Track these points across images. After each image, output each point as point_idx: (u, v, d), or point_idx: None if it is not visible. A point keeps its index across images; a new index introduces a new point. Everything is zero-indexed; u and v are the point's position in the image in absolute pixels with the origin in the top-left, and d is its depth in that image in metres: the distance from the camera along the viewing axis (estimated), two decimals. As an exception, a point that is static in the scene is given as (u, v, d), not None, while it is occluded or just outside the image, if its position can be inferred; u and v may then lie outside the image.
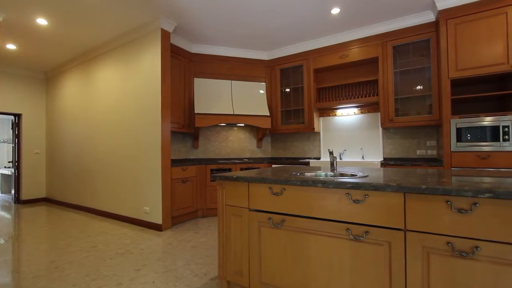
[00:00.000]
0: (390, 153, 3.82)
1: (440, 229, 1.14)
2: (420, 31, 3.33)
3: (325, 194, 1.39)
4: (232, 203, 1.75)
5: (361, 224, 1.31)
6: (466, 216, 1.09)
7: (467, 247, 1.09)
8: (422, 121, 3.31)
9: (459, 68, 2.88)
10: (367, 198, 1.28)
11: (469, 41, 2.84)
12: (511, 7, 2.66)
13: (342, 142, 4.21)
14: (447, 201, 1.12)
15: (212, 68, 4.36)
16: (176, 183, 3.60)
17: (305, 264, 1.47)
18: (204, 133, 4.59)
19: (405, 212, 1.21)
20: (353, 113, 4.11)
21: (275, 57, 4.49)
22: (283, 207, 1.53)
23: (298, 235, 1.50)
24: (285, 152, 4.75)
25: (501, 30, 2.70)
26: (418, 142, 3.62)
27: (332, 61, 3.94)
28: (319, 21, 3.50)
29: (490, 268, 1.06)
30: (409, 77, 3.59)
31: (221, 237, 1.80)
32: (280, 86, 4.49)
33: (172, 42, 3.84)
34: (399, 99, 3.60)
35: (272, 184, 1.56)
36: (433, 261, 1.16)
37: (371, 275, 1.29)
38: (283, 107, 4.54)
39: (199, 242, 2.92)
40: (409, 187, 1.17)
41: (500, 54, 2.70)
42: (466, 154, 2.81)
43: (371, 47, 3.64)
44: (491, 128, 2.72)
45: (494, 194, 1.02)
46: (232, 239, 1.76)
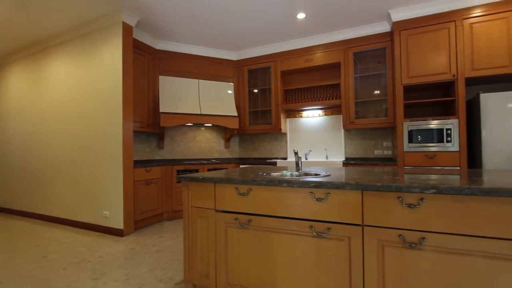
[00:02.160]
0: (351, 153, 4.05)
1: (393, 223, 1.24)
2: (377, 40, 3.59)
3: (290, 194, 1.43)
4: (198, 205, 1.72)
5: (324, 221, 1.37)
6: (415, 210, 1.20)
7: (416, 238, 1.20)
8: (379, 124, 3.56)
9: (410, 76, 3.16)
10: (329, 196, 1.34)
11: (418, 51, 3.13)
12: (452, 23, 2.99)
13: (308, 143, 4.37)
14: (398, 197, 1.22)
15: (179, 66, 4.24)
16: (140, 185, 3.43)
17: (271, 262, 1.50)
18: (170, 133, 4.44)
19: (362, 209, 1.29)
20: (318, 115, 4.29)
21: (244, 58, 4.51)
22: (249, 207, 1.55)
23: (264, 235, 1.52)
24: (253, 153, 4.79)
25: (444, 43, 3.02)
26: (376, 142, 3.89)
27: (298, 64, 4.07)
28: (286, 25, 3.59)
29: (435, 256, 1.18)
30: (368, 82, 3.85)
31: (186, 240, 1.76)
32: (248, 86, 4.51)
33: (135, 37, 3.65)
34: (359, 102, 3.84)
35: (239, 184, 1.57)
36: (387, 253, 1.26)
37: (333, 269, 1.35)
38: (251, 108, 4.57)
39: (164, 246, 2.82)
40: (366, 185, 1.25)
41: (443, 65, 3.02)
42: (416, 154, 3.09)
43: (334, 52, 3.83)
44: (437, 131, 3.02)
45: (438, 190, 1.14)
46: (199, 241, 1.73)
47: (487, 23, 2.86)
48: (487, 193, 1.07)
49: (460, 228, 1.13)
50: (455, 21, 2.98)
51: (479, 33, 2.89)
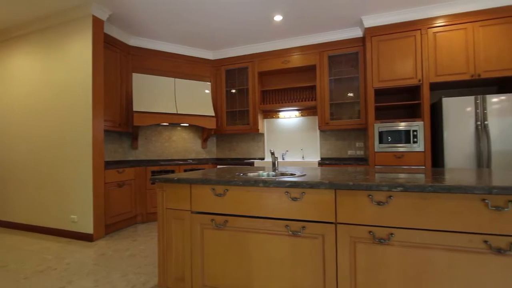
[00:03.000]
0: (326, 153, 4.17)
1: (363, 220, 1.30)
2: (350, 45, 3.73)
3: (266, 193, 1.45)
4: (173, 206, 1.68)
5: (299, 220, 1.40)
6: (384, 207, 1.27)
7: (385, 234, 1.27)
8: (352, 125, 3.71)
9: (380, 80, 3.32)
10: (304, 195, 1.38)
11: (388, 57, 3.30)
12: (418, 32, 3.19)
13: (285, 143, 4.43)
14: (369, 195, 1.28)
15: (153, 63, 4.11)
16: (111, 187, 3.27)
17: (247, 262, 1.50)
18: (145, 133, 4.29)
19: (336, 207, 1.34)
20: (295, 116, 4.37)
21: (221, 57, 4.47)
22: (226, 207, 1.54)
23: (241, 235, 1.52)
24: (230, 153, 4.77)
25: (411, 50, 3.21)
26: (349, 143, 4.04)
27: (276, 66, 4.12)
28: (264, 26, 3.62)
29: (402, 251, 1.25)
30: (342, 85, 3.99)
31: (161, 243, 1.71)
32: (225, 86, 4.49)
33: (106, 31, 3.49)
34: (334, 104, 3.97)
35: (215, 185, 1.55)
36: (359, 248, 1.31)
37: (308, 266, 1.39)
38: (229, 108, 4.55)
39: (138, 250, 2.72)
40: (339, 184, 1.30)
41: (410, 70, 3.21)
42: (386, 154, 3.26)
43: (310, 55, 3.93)
44: (405, 132, 3.21)
45: (404, 188, 1.21)
46: (174, 244, 1.69)
47: (448, 33, 3.09)
48: (447, 190, 1.16)
49: (424, 223, 1.21)
50: (420, 30, 3.18)
51: (441, 42, 3.11)
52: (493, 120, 2.84)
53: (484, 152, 2.85)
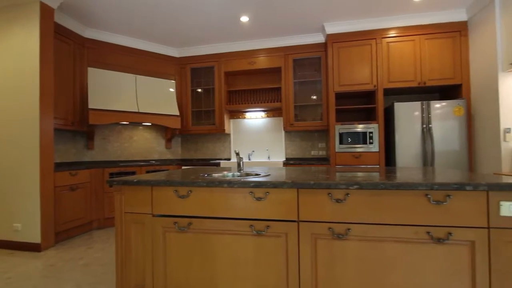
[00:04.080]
0: (291, 153, 4.29)
1: (324, 217, 1.36)
2: (314, 49, 3.89)
3: (231, 194, 1.44)
4: (132, 210, 1.59)
5: (263, 219, 1.42)
6: (342, 204, 1.34)
7: (343, 230, 1.34)
8: (315, 126, 3.87)
9: (341, 84, 3.52)
10: (268, 195, 1.40)
11: (347, 63, 3.50)
12: (374, 41, 3.44)
13: (251, 144, 4.47)
14: (328, 193, 1.35)
15: (112, 58, 3.86)
16: (62, 191, 3.00)
17: (212, 264, 1.48)
18: (102, 132, 4.01)
19: (298, 205, 1.38)
20: (261, 117, 4.42)
21: (186, 55, 4.36)
22: (190, 209, 1.51)
23: (205, 237, 1.50)
24: (196, 153, 4.67)
25: (368, 57, 3.46)
26: (313, 144, 4.21)
27: (242, 66, 4.13)
28: (230, 26, 3.61)
29: (358, 244, 1.33)
30: (306, 87, 4.14)
31: (119, 249, 1.61)
32: (191, 85, 4.38)
33: (57, 21, 3.20)
34: (298, 106, 4.10)
35: (178, 186, 1.51)
36: (319, 244, 1.37)
37: (272, 264, 1.41)
38: (194, 107, 4.45)
39: (93, 258, 2.53)
40: (301, 183, 1.35)
41: (367, 76, 3.45)
42: (346, 154, 3.45)
43: (276, 57, 4.01)
44: (362, 134, 3.43)
45: (360, 186, 1.30)
46: (133, 249, 1.60)
47: (399, 43, 3.38)
48: (396, 187, 1.26)
49: (377, 218, 1.31)
50: (376, 39, 3.43)
51: (394, 51, 3.39)
52: (436, 123, 3.17)
53: (429, 152, 3.18)
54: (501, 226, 1.21)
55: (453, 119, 3.14)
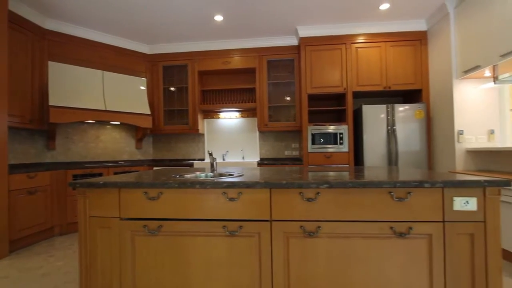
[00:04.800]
0: (265, 153, 4.33)
1: (296, 216, 1.39)
2: (287, 52, 3.97)
3: (204, 195, 1.43)
4: (98, 214, 1.51)
5: (236, 220, 1.42)
6: (313, 203, 1.38)
7: (313, 227, 1.38)
8: (289, 127, 3.95)
9: (313, 86, 3.62)
10: (241, 195, 1.40)
11: (319, 66, 3.62)
12: (344, 45, 3.59)
13: (225, 144, 4.44)
14: (300, 192, 1.38)
15: (76, 52, 3.63)
16: (19, 195, 2.76)
17: (184, 267, 1.45)
18: (65, 131, 3.75)
19: (271, 205, 1.40)
20: (235, 117, 4.41)
21: (158, 53, 4.22)
22: (160, 212, 1.46)
23: (177, 239, 1.46)
24: (168, 154, 4.54)
25: (338, 61, 3.60)
26: (286, 144, 4.29)
27: (216, 66, 4.10)
28: (204, 24, 3.56)
29: (328, 241, 1.38)
30: (280, 89, 4.21)
31: (83, 256, 1.52)
32: (163, 84, 4.25)
33: (12, 9, 2.93)
34: (272, 107, 4.15)
35: (148, 188, 1.46)
36: (291, 243, 1.40)
37: (245, 264, 1.42)
38: (167, 107, 4.32)
39: (54, 267, 2.35)
40: (273, 183, 1.37)
41: (337, 79, 3.59)
42: (318, 154, 3.56)
43: (250, 58, 4.03)
44: (333, 134, 3.56)
45: (330, 185, 1.35)
46: (99, 256, 1.52)
47: (367, 49, 3.56)
48: (363, 186, 1.33)
49: (346, 215, 1.37)
50: (345, 44, 3.59)
51: (362, 56, 3.57)
52: (399, 125, 3.39)
53: (393, 152, 3.38)
54: (454, 219, 1.32)
55: (415, 121, 3.38)
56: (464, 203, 1.32)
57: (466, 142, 3.02)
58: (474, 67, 2.79)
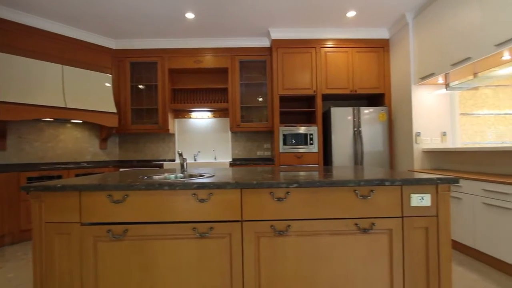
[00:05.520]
0: (237, 154, 4.33)
1: (266, 215, 1.41)
2: (260, 53, 4.00)
3: (173, 197, 1.39)
4: (55, 219, 1.40)
5: (207, 221, 1.40)
6: (283, 202, 1.41)
7: (283, 226, 1.41)
8: (261, 127, 3.98)
9: (284, 88, 3.69)
10: (212, 196, 1.39)
11: (291, 68, 3.70)
12: (313, 49, 3.71)
13: (197, 144, 4.36)
14: (270, 192, 1.40)
15: (32, 44, 3.33)
16: (-41, 202, 2.46)
17: (152, 272, 1.40)
18: (18, 130, 3.42)
19: (241, 205, 1.40)
20: (207, 117, 4.35)
21: (125, 48, 4.03)
22: (126, 215, 1.39)
23: (144, 244, 1.40)
24: (136, 154, 4.34)
25: (309, 64, 3.71)
26: (258, 144, 4.32)
27: (188, 64, 4.01)
28: (175, 21, 3.47)
29: (297, 239, 1.42)
30: (252, 89, 4.23)
31: (37, 265, 1.40)
32: (130, 81, 4.06)
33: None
34: (245, 107, 4.16)
35: (113, 190, 1.38)
36: (262, 242, 1.42)
37: (216, 266, 1.40)
38: (134, 105, 4.14)
39: (5, 279, 2.13)
40: (244, 183, 1.37)
41: (308, 82, 3.70)
42: (289, 155, 3.64)
43: (222, 58, 4.00)
44: (304, 135, 3.66)
45: (299, 184, 1.38)
46: (57, 265, 1.40)
47: (335, 54, 3.72)
48: (330, 185, 1.38)
49: (314, 213, 1.42)
50: (315, 48, 3.71)
51: (330, 60, 3.71)
52: (365, 127, 3.58)
53: (359, 152, 3.57)
54: (411, 215, 1.43)
55: (378, 123, 3.59)
56: (420, 199, 1.43)
57: (422, 143, 3.28)
58: (429, 74, 3.04)
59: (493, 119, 3.66)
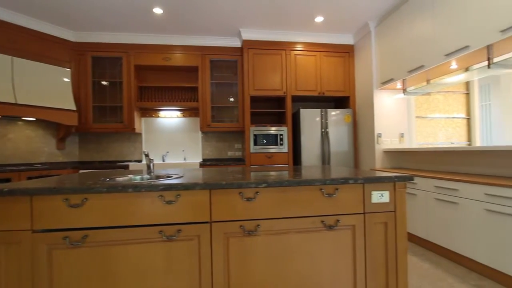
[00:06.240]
0: (208, 154, 4.27)
1: (236, 216, 1.41)
2: (231, 52, 3.99)
3: (137, 199, 1.33)
4: (2, 227, 1.26)
5: (174, 223, 1.36)
6: (252, 202, 1.42)
7: (253, 226, 1.42)
8: (232, 128, 3.97)
9: (255, 88, 3.72)
10: (179, 197, 1.35)
11: (261, 69, 3.74)
12: (284, 52, 3.79)
13: (166, 144, 4.22)
14: (240, 192, 1.41)
15: (-26, 32, 2.97)
16: None
17: (115, 280, 1.33)
18: (-45, 128, 3.03)
19: (211, 206, 1.39)
20: (176, 116, 4.23)
21: (86, 41, 3.77)
22: (85, 220, 1.30)
23: (106, 250, 1.32)
24: (99, 155, 4.08)
25: (279, 66, 3.78)
26: (229, 145, 4.30)
27: (156, 61, 3.86)
28: (142, 16, 3.32)
29: (266, 238, 1.44)
30: (223, 89, 4.20)
31: (-20, 280, 1.25)
32: (92, 77, 3.81)
33: None
34: (215, 107, 4.12)
35: (69, 194, 1.29)
36: (231, 243, 1.41)
37: (184, 269, 1.37)
38: (97, 102, 3.89)
39: None
40: (213, 184, 1.36)
41: (278, 83, 3.77)
42: (260, 155, 3.67)
43: (192, 56, 3.92)
44: (274, 136, 3.72)
45: (268, 184, 1.40)
46: (3, 278, 1.27)
47: (304, 57, 3.83)
48: (298, 184, 1.42)
49: (283, 212, 1.45)
50: (285, 50, 3.79)
51: (300, 63, 3.82)
52: (332, 128, 3.74)
53: (326, 152, 3.71)
54: (372, 211, 1.52)
55: (344, 125, 3.77)
56: (379, 196, 1.53)
57: (383, 143, 3.51)
58: (389, 79, 3.27)
59: (443, 122, 4.03)
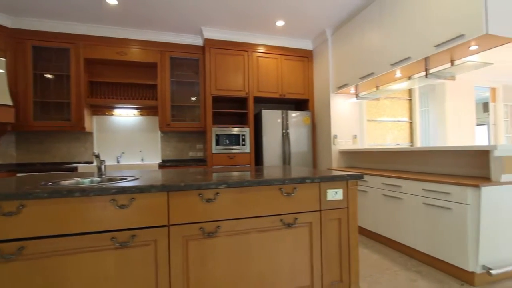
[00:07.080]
0: (168, 155, 4.10)
1: (195, 218, 1.38)
2: (192, 51, 3.89)
3: (85, 204, 1.22)
4: None
5: (128, 229, 1.28)
6: (212, 204, 1.40)
7: (213, 228, 1.41)
8: (193, 128, 3.87)
9: (217, 88, 3.68)
10: (134, 201, 1.28)
11: (224, 69, 3.72)
12: (246, 53, 3.81)
13: (121, 144, 3.95)
14: (199, 194, 1.38)
15: None
16: None
17: (57, 293, 1.20)
18: None
19: (168, 209, 1.34)
20: (133, 115, 3.99)
21: (26, 28, 3.36)
22: (22, 230, 1.16)
23: (49, 261, 1.19)
24: (41, 156, 3.66)
25: (241, 67, 3.79)
26: (191, 145, 4.19)
27: (109, 55, 3.59)
28: (93, 5, 3.07)
29: (227, 239, 1.43)
30: (184, 88, 4.08)
31: None
32: (33, 68, 3.40)
33: None
34: (176, 106, 3.98)
35: (1, 201, 1.13)
36: (191, 245, 1.38)
37: (139, 277, 1.30)
38: (38, 97, 3.48)
39: None
40: (171, 185, 1.31)
41: (240, 84, 3.78)
42: (222, 155, 3.64)
43: (151, 52, 3.73)
44: (236, 136, 3.72)
45: (228, 185, 1.40)
46: None
47: (266, 59, 3.91)
48: (257, 184, 1.45)
49: (243, 213, 1.45)
50: (248, 52, 3.82)
51: (262, 65, 3.88)
52: (292, 129, 3.86)
53: (287, 153, 3.83)
54: (327, 208, 1.61)
55: (303, 126, 3.93)
56: (334, 194, 1.62)
57: (339, 144, 3.73)
58: (343, 84, 3.49)
59: (390, 125, 4.43)
